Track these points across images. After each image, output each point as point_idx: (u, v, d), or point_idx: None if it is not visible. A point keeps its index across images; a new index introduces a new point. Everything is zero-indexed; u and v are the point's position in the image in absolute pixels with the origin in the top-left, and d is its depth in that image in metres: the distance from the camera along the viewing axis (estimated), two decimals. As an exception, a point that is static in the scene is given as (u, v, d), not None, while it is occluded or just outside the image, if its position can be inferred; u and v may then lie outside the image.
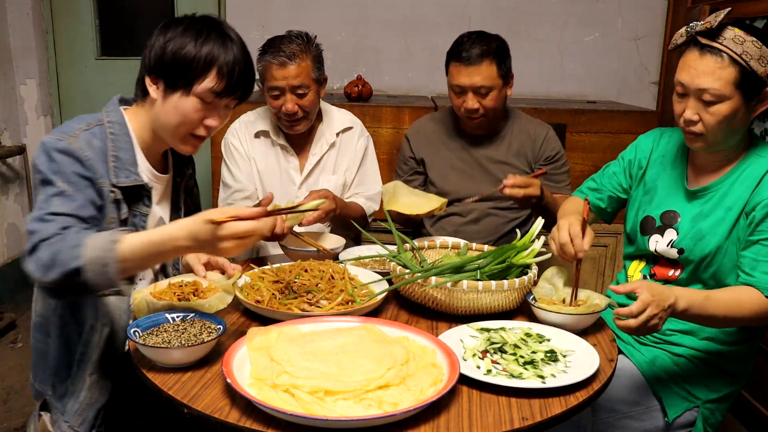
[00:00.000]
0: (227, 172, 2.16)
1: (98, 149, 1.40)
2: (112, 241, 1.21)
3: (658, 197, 1.66)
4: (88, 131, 1.41)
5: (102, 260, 1.19)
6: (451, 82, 2.10)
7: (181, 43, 1.40)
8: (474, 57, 2.02)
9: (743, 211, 1.50)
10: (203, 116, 1.46)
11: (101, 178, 1.39)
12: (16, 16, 3.47)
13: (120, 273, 1.21)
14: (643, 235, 1.66)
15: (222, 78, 1.42)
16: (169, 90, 1.43)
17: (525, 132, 2.21)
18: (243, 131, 2.16)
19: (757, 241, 1.46)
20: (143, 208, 1.48)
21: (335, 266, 1.57)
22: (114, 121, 1.46)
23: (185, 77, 1.41)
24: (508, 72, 2.10)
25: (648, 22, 3.50)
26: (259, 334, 1.23)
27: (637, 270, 1.71)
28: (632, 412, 1.58)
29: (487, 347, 1.29)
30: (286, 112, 2.02)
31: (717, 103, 1.41)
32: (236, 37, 1.47)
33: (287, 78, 1.98)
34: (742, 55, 1.38)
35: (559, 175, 2.22)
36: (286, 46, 1.99)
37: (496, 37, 2.09)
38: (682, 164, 1.64)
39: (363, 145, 2.22)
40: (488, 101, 2.07)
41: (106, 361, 1.39)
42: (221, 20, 1.49)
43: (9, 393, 2.62)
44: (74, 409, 1.37)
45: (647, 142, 1.74)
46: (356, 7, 3.50)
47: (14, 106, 3.52)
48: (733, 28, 1.41)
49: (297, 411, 1.01)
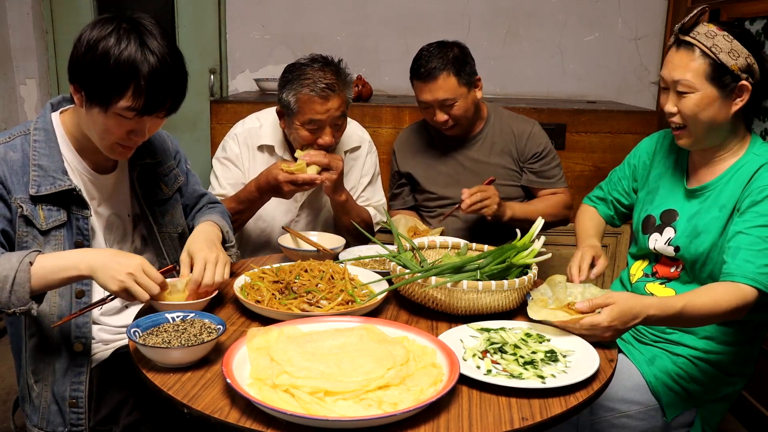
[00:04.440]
0: (214, 174, 2.09)
1: (14, 162, 1.40)
2: (26, 262, 1.27)
3: (659, 196, 1.67)
4: (6, 144, 1.41)
5: (12, 279, 1.25)
6: (417, 99, 2.12)
7: (99, 53, 1.30)
8: (430, 72, 2.01)
9: (735, 207, 1.51)
10: (128, 129, 1.38)
11: (12, 194, 1.38)
12: (16, 16, 3.47)
13: (30, 292, 1.27)
14: (644, 233, 1.67)
15: (140, 95, 1.31)
16: (88, 102, 1.34)
17: (508, 130, 2.20)
18: (245, 140, 2.06)
19: (739, 231, 1.46)
20: (82, 211, 1.46)
21: (335, 266, 1.57)
22: (40, 127, 1.44)
23: (102, 93, 1.31)
24: (471, 77, 2.08)
25: (648, 22, 3.50)
26: (259, 334, 1.23)
27: (639, 269, 1.71)
28: (631, 411, 1.58)
29: (487, 347, 1.29)
30: (323, 145, 1.89)
31: (689, 93, 1.47)
32: (158, 47, 1.32)
33: (330, 111, 1.86)
34: (711, 48, 1.44)
35: (551, 170, 2.21)
36: (322, 75, 1.85)
37: (453, 46, 2.07)
38: (683, 164, 1.66)
39: (371, 163, 2.18)
40: (455, 111, 2.06)
41: (46, 367, 1.48)
42: (148, 25, 1.35)
43: (9, 393, 2.62)
44: (33, 410, 1.50)
45: (650, 144, 1.76)
46: (356, 7, 3.50)
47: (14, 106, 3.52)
48: (708, 24, 1.47)
49: (297, 411, 1.01)
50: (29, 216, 1.40)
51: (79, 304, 1.47)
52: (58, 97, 1.55)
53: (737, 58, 1.44)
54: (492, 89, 3.54)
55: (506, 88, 3.58)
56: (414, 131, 2.33)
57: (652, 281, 1.66)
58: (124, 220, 1.58)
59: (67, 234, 1.45)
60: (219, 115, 2.94)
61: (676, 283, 1.63)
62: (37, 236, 1.41)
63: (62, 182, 1.42)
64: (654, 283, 1.66)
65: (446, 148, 2.23)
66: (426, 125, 2.28)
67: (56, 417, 1.49)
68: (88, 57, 1.32)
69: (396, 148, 2.32)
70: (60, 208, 1.43)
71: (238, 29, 3.57)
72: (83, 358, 1.49)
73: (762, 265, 1.40)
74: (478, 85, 2.12)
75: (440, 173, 2.22)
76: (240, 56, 3.59)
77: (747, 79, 1.45)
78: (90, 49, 1.31)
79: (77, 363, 1.49)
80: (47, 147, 1.43)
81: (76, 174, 1.49)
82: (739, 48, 1.44)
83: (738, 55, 1.44)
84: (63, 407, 1.49)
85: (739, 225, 1.47)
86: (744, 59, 1.44)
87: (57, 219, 1.43)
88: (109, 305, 1.56)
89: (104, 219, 1.54)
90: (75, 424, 1.49)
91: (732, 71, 1.44)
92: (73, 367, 1.48)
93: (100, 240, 1.53)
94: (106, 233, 1.54)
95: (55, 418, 1.49)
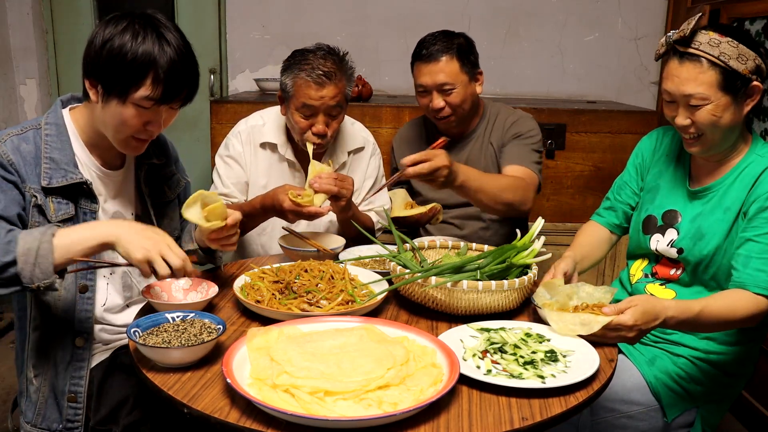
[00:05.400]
0: (217, 172, 2.09)
1: (27, 153, 1.42)
2: (49, 234, 1.29)
3: (660, 196, 1.66)
4: (19, 136, 1.44)
5: (35, 251, 1.26)
6: (415, 83, 2.07)
7: (117, 47, 1.35)
8: (434, 53, 1.98)
9: (741, 210, 1.50)
10: (144, 121, 1.42)
11: (26, 182, 1.41)
12: (16, 16, 3.47)
13: (53, 264, 1.27)
14: (645, 233, 1.67)
15: (158, 84, 1.36)
16: (106, 95, 1.39)
17: (500, 124, 2.15)
18: (248, 137, 2.06)
19: (749, 238, 1.46)
20: (91, 205, 1.49)
21: (335, 266, 1.57)
22: (51, 122, 1.48)
23: (120, 84, 1.36)
24: (473, 68, 2.05)
25: (648, 22, 3.50)
26: (259, 334, 1.23)
27: (639, 269, 1.71)
28: (631, 411, 1.58)
29: (487, 347, 1.29)
30: (316, 133, 1.90)
31: (703, 105, 1.44)
32: (174, 39, 1.39)
33: (324, 98, 1.86)
34: (720, 57, 1.41)
35: (522, 147, 2.07)
36: (322, 63, 1.86)
37: (459, 35, 2.05)
38: (684, 164, 1.65)
39: (375, 166, 2.17)
40: (453, 98, 2.02)
41: (47, 361, 1.49)
42: (162, 19, 1.41)
43: (9, 393, 2.62)
44: (29, 405, 1.51)
45: (650, 143, 1.75)
46: (356, 7, 3.50)
47: (14, 106, 3.52)
48: (707, 31, 1.44)
49: (297, 411, 1.01)
50: (42, 205, 1.42)
51: (83, 299, 1.48)
52: (68, 95, 1.57)
53: (746, 61, 1.42)
54: (492, 89, 3.54)
55: (506, 88, 3.58)
56: (412, 127, 2.30)
57: (652, 282, 1.66)
58: (127, 219, 1.59)
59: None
60: (219, 115, 2.94)
61: (675, 285, 1.62)
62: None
63: (74, 175, 1.45)
64: (654, 284, 1.66)
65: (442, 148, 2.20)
66: (424, 122, 2.26)
67: (53, 412, 1.50)
68: (105, 51, 1.36)
69: (394, 144, 2.30)
70: (69, 201, 1.46)
71: (238, 29, 3.57)
72: (84, 353, 1.50)
73: None
74: (479, 80, 2.09)
75: None
76: (240, 56, 3.59)
77: (757, 80, 1.44)
78: (106, 44, 1.36)
79: (78, 357, 1.50)
80: (59, 141, 1.46)
81: (85, 169, 1.51)
82: (746, 51, 1.43)
83: (747, 59, 1.43)
84: (61, 402, 1.49)
85: (748, 232, 1.47)
86: (753, 61, 1.43)
87: (66, 212, 1.45)
88: (111, 303, 1.56)
89: (109, 216, 1.56)
90: (71, 420, 1.49)
91: (743, 75, 1.42)
92: (73, 361, 1.49)
93: None
94: None
95: (52, 413, 1.50)
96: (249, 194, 2.07)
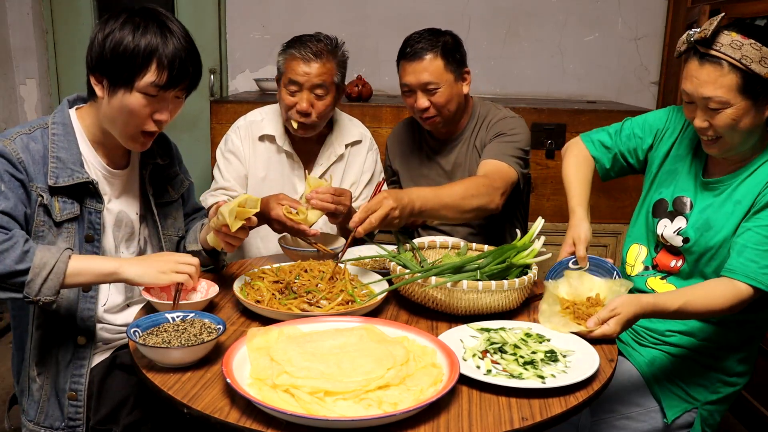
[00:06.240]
0: (218, 167, 2.13)
1: (36, 152, 1.43)
2: (66, 254, 1.33)
3: (675, 181, 1.64)
4: (27, 135, 1.45)
5: (51, 267, 1.30)
6: (400, 82, 2.01)
7: (119, 38, 1.38)
8: (417, 52, 1.94)
9: (752, 207, 1.49)
10: (151, 111, 1.44)
11: (33, 181, 1.42)
12: (16, 16, 3.48)
13: (61, 284, 1.31)
14: (654, 217, 1.65)
15: (163, 70, 1.39)
16: (112, 88, 1.41)
17: (485, 126, 2.07)
18: (247, 131, 2.10)
19: (750, 228, 1.46)
20: (96, 204, 1.49)
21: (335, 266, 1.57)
22: (58, 122, 1.48)
23: (126, 73, 1.39)
24: (459, 67, 1.99)
25: (648, 22, 3.50)
26: (259, 334, 1.23)
27: (639, 261, 1.69)
28: (631, 412, 1.58)
29: (487, 347, 1.29)
30: (299, 110, 1.95)
31: (723, 109, 1.40)
32: (178, 28, 1.44)
33: (309, 75, 1.93)
34: (741, 60, 1.36)
35: (502, 145, 1.96)
36: (313, 43, 1.96)
37: (445, 33, 2.00)
38: (701, 154, 1.61)
39: (372, 161, 2.18)
40: (438, 98, 1.95)
41: (50, 359, 1.49)
42: (162, 11, 1.45)
43: (9, 393, 2.62)
44: (31, 404, 1.51)
45: (679, 119, 1.67)
46: (356, 7, 3.50)
47: (14, 106, 3.52)
48: (730, 32, 1.39)
49: (297, 411, 1.01)
50: (48, 205, 1.43)
51: (86, 298, 1.49)
52: (74, 95, 1.58)
53: None
54: (492, 89, 3.54)
55: (506, 88, 3.58)
56: (404, 127, 2.24)
57: (653, 275, 1.66)
58: (132, 219, 1.60)
59: (78, 228, 1.47)
60: (219, 115, 2.94)
61: (675, 278, 1.62)
62: (52, 227, 1.44)
63: (80, 174, 1.46)
64: (655, 278, 1.65)
65: (430, 151, 2.14)
66: (415, 122, 2.19)
67: (55, 410, 1.50)
68: (109, 44, 1.39)
69: (388, 143, 2.26)
70: (74, 201, 1.46)
71: (238, 29, 3.57)
72: (85, 351, 1.50)
73: (765, 265, 1.41)
74: (466, 79, 2.02)
75: (423, 176, 2.14)
76: (240, 56, 3.60)
77: None
78: (109, 37, 1.39)
79: (79, 356, 1.50)
80: (66, 140, 1.47)
81: (91, 168, 1.51)
82: None
83: None
84: (62, 400, 1.50)
85: (750, 222, 1.46)
86: None
87: (71, 212, 1.46)
88: (112, 302, 1.56)
89: (113, 216, 1.56)
90: (73, 418, 1.49)
91: (765, 79, 1.38)
92: (74, 359, 1.50)
93: (108, 236, 1.54)
94: (115, 230, 1.56)
95: (54, 411, 1.50)
96: (248, 187, 2.11)
